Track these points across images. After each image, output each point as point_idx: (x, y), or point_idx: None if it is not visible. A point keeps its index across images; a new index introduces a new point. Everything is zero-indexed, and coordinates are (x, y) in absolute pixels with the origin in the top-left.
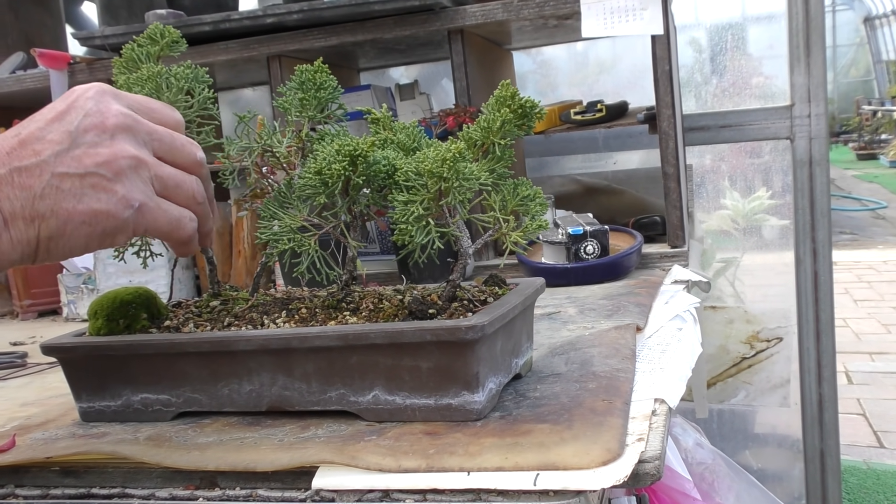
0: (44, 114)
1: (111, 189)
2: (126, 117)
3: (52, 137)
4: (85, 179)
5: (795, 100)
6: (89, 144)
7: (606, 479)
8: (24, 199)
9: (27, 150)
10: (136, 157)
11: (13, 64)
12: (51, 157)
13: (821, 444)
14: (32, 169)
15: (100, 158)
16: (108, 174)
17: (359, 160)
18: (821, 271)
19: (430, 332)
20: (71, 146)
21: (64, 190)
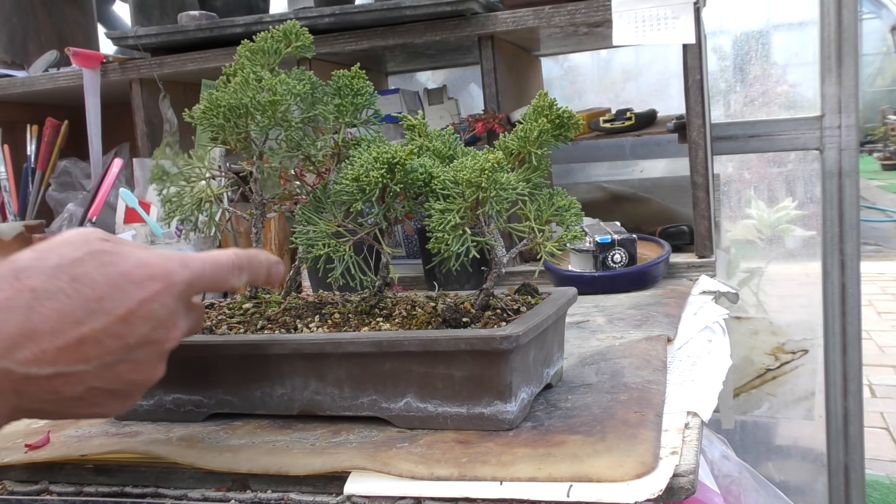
0: (115, 296)
1: (125, 401)
2: (182, 336)
3: (109, 345)
4: (111, 394)
5: (826, 110)
6: (136, 363)
7: (641, 493)
8: (44, 402)
9: (80, 351)
10: (169, 347)
11: (46, 62)
12: (97, 367)
13: (845, 458)
14: (72, 377)
15: (138, 379)
16: (131, 391)
17: (397, 168)
18: (848, 284)
19: (465, 341)
20: (120, 360)
21: (84, 400)
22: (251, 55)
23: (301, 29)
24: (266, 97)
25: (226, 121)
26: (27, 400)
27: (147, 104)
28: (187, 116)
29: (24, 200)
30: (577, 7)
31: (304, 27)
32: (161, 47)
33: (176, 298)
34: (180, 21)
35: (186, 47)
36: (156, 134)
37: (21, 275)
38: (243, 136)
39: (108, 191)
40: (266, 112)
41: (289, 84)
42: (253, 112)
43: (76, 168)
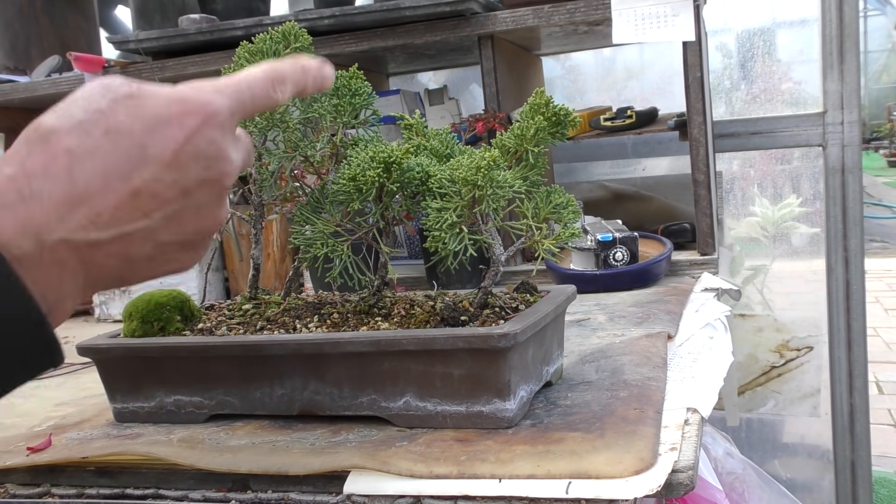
0: (156, 141)
1: (197, 252)
2: (237, 171)
3: (165, 194)
4: (181, 246)
5: (828, 107)
6: (199, 207)
7: (639, 489)
8: (115, 269)
9: (137, 206)
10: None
11: (49, 67)
12: (160, 220)
13: (852, 454)
14: (136, 235)
15: (203, 224)
16: (200, 239)
17: (393, 167)
18: (853, 280)
19: (463, 340)
20: (182, 207)
21: (155, 258)
22: (250, 57)
23: (300, 30)
24: None
25: None
26: (96, 270)
27: None
28: None
29: None
30: (576, 6)
31: (303, 29)
32: (162, 51)
33: (220, 129)
34: (181, 25)
35: (187, 51)
36: None
37: (51, 137)
38: None
39: None
40: (264, 113)
41: None
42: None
43: None
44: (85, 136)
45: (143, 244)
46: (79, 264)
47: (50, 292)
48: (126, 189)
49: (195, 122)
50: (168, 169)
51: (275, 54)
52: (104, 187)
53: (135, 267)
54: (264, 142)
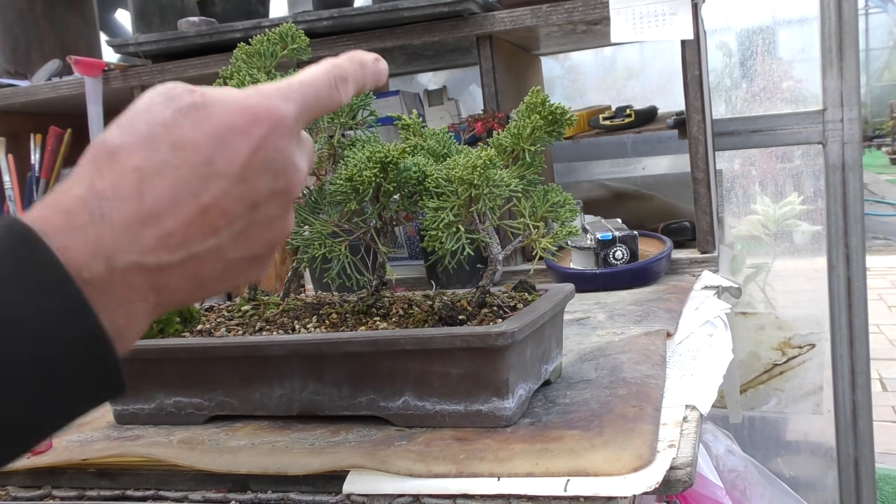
0: (224, 155)
1: (264, 264)
2: (304, 179)
3: (235, 210)
4: (249, 262)
5: (828, 104)
6: (267, 220)
7: (637, 486)
8: (185, 291)
9: (206, 224)
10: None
11: (49, 71)
12: (228, 237)
13: (855, 451)
14: (207, 255)
15: (272, 237)
16: (268, 252)
17: (389, 167)
18: (854, 277)
19: (461, 339)
20: (251, 222)
21: (224, 276)
22: (247, 58)
23: (297, 31)
24: None
25: None
26: (167, 293)
27: None
28: None
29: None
30: (574, 5)
31: (302, 30)
32: (162, 54)
33: (288, 137)
34: (180, 27)
35: (187, 53)
36: None
37: (118, 154)
38: None
39: None
40: None
41: None
42: None
43: None
44: (152, 152)
45: (213, 264)
46: (149, 288)
47: (119, 317)
48: (195, 206)
49: (262, 131)
50: (237, 183)
51: (272, 55)
52: (173, 206)
53: (203, 286)
54: None
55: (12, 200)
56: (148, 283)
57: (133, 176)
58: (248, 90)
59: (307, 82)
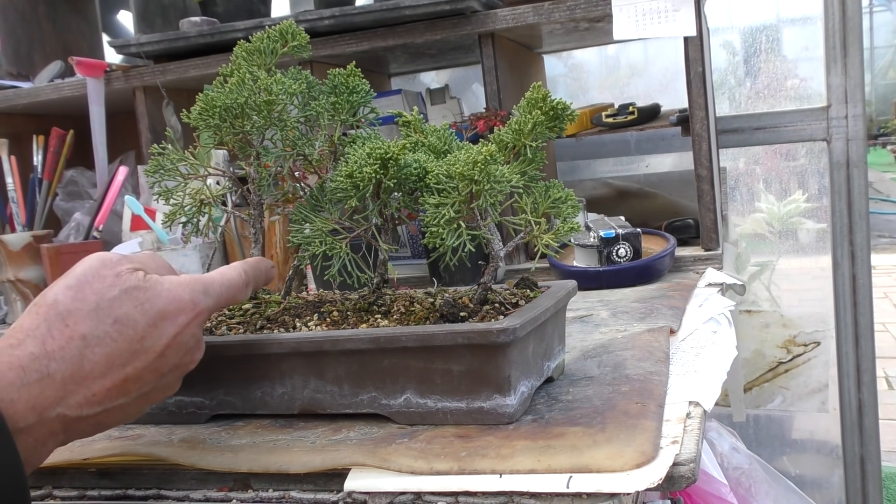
0: (154, 334)
1: (149, 404)
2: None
3: (147, 378)
4: (138, 412)
5: (832, 101)
6: (165, 386)
7: (640, 482)
8: (85, 433)
9: (124, 388)
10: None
11: (51, 72)
12: (135, 398)
13: (861, 449)
14: (114, 410)
15: (163, 397)
16: (151, 405)
17: (390, 163)
18: (859, 275)
19: (462, 336)
20: (154, 387)
21: (117, 423)
22: (248, 56)
23: (297, 28)
24: (262, 97)
25: (222, 121)
26: (72, 434)
27: (151, 112)
28: (185, 118)
29: (31, 210)
30: (576, 2)
31: (301, 28)
32: (164, 54)
33: (200, 326)
34: (182, 28)
35: (188, 54)
36: (160, 141)
37: (68, 320)
38: (240, 137)
39: (114, 199)
40: (262, 112)
41: (285, 83)
42: (249, 112)
43: (83, 177)
44: (98, 323)
45: (116, 416)
46: (62, 432)
47: (32, 456)
48: (121, 375)
49: (185, 320)
50: (157, 358)
51: (272, 53)
52: (104, 373)
53: (100, 429)
54: (262, 141)
55: (15, 202)
56: (63, 428)
57: (79, 342)
58: (182, 279)
59: (224, 283)
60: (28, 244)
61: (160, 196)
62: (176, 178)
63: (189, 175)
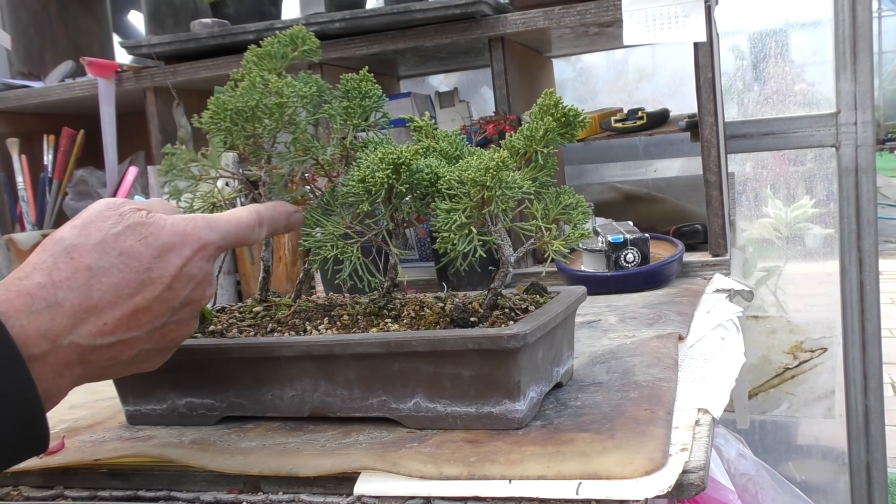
0: (159, 265)
1: (165, 357)
2: (212, 296)
3: (158, 310)
4: (156, 352)
5: (841, 107)
6: (179, 322)
7: (650, 489)
8: (103, 368)
9: (135, 319)
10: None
11: (62, 72)
12: (148, 331)
13: (867, 456)
14: (128, 342)
15: (178, 335)
16: (173, 347)
17: (402, 168)
18: (867, 281)
19: (472, 341)
20: (166, 322)
21: (134, 361)
22: (258, 60)
23: (307, 33)
24: (273, 100)
25: (233, 124)
26: (90, 368)
27: (161, 112)
28: (196, 121)
29: (41, 210)
30: (587, 7)
31: (314, 32)
32: (174, 55)
33: (208, 260)
34: (193, 29)
35: (199, 55)
36: (170, 142)
37: (73, 253)
38: (251, 140)
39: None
40: (273, 115)
41: (295, 87)
42: (260, 115)
43: (92, 177)
44: (103, 255)
45: (130, 350)
46: (77, 363)
47: (52, 386)
48: (130, 305)
49: (190, 251)
50: (165, 289)
51: (283, 57)
52: (113, 302)
53: (116, 367)
54: (273, 144)
55: (25, 201)
56: (79, 359)
57: (85, 273)
58: (188, 215)
59: (231, 220)
60: (38, 243)
61: (171, 196)
62: (187, 179)
63: (200, 176)
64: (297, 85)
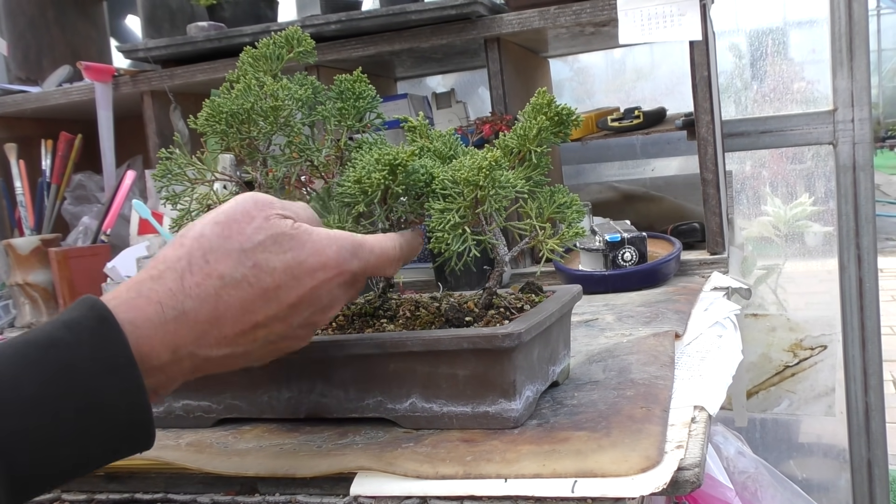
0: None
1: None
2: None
3: (276, 328)
4: (266, 355)
5: (838, 104)
6: (293, 338)
7: (645, 487)
8: (208, 373)
9: (253, 335)
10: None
11: (60, 77)
12: (261, 346)
13: (868, 453)
14: (240, 356)
15: (289, 349)
16: (276, 357)
17: (398, 169)
18: (866, 278)
19: (467, 340)
20: (281, 338)
21: (245, 362)
22: (254, 62)
23: (302, 34)
24: (268, 103)
25: (228, 127)
26: (198, 374)
27: (159, 116)
28: (192, 123)
29: (40, 214)
30: (582, 7)
31: (310, 34)
32: (171, 59)
33: (341, 287)
34: (189, 32)
35: (196, 58)
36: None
37: (209, 256)
38: (247, 142)
39: (121, 203)
40: (268, 118)
41: (291, 89)
42: (255, 118)
43: (91, 181)
44: (238, 264)
45: (239, 360)
46: (190, 372)
47: (162, 390)
48: (251, 321)
49: (325, 276)
50: (287, 309)
51: (278, 59)
52: (237, 317)
53: (223, 370)
54: (269, 146)
55: (23, 206)
56: (192, 368)
57: (217, 282)
58: (334, 234)
59: (376, 251)
60: (36, 248)
61: (168, 200)
62: (183, 183)
63: (196, 180)
64: (293, 87)
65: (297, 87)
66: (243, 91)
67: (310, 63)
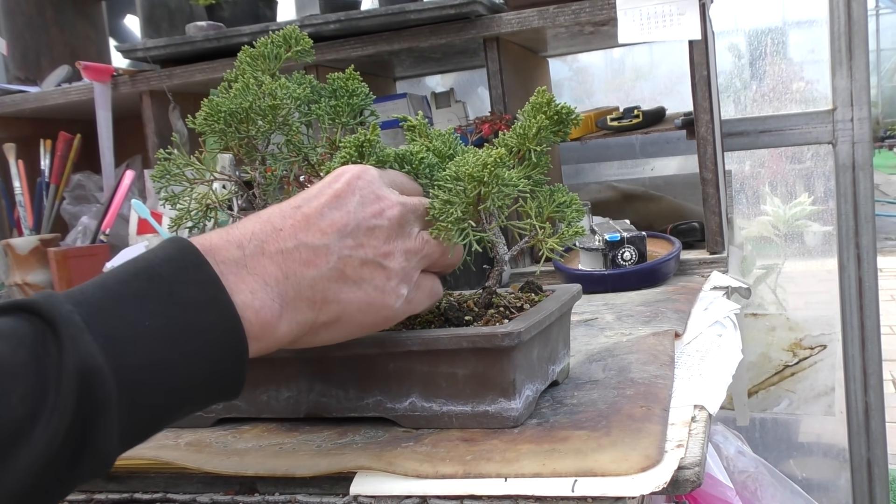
0: (316, 193)
1: (385, 279)
2: (402, 207)
3: (336, 218)
4: (364, 267)
5: (838, 104)
6: (368, 231)
7: (645, 486)
8: (311, 279)
9: (313, 228)
10: (408, 249)
11: (59, 77)
12: (336, 238)
13: (868, 453)
14: (320, 248)
15: (378, 247)
16: (384, 263)
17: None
18: (865, 277)
19: (467, 339)
20: (353, 230)
21: (346, 275)
22: (252, 61)
23: (300, 34)
24: (266, 102)
25: (227, 126)
26: (291, 276)
27: (157, 116)
28: (190, 123)
29: (39, 214)
30: (581, 6)
31: (309, 34)
32: (170, 59)
33: (370, 181)
34: (188, 32)
35: (195, 58)
36: (166, 145)
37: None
38: (245, 142)
39: (120, 203)
40: (267, 117)
41: (289, 88)
42: (254, 117)
43: (90, 181)
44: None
45: (327, 256)
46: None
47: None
48: (297, 213)
49: (350, 175)
50: (329, 204)
51: (276, 58)
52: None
53: (332, 281)
54: (267, 145)
55: (22, 206)
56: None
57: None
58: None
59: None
60: (35, 248)
61: (166, 201)
62: (182, 183)
63: (195, 180)
64: (291, 86)
65: (295, 86)
66: (241, 90)
67: (308, 62)
